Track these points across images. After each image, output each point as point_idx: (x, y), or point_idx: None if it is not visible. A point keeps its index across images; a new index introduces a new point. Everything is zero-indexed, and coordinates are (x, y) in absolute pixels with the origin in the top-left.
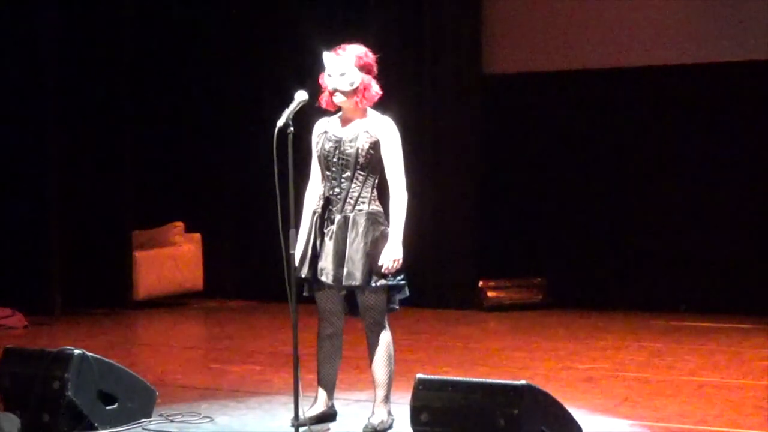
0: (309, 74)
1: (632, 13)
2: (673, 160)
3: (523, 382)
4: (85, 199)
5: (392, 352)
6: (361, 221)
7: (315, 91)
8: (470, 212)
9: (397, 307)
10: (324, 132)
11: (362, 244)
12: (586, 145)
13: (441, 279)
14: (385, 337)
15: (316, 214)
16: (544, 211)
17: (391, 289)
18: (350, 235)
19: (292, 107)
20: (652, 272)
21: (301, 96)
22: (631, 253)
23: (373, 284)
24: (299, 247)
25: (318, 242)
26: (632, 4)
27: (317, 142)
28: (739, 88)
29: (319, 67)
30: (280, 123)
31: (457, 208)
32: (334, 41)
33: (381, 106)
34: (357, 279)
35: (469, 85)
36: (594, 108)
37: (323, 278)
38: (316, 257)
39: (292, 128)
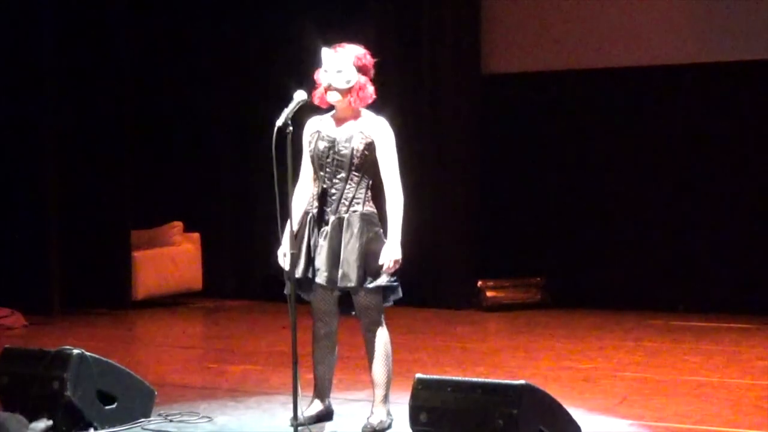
0: (307, 74)
1: (632, 13)
2: (673, 159)
3: (521, 381)
4: (84, 199)
5: (390, 352)
6: (356, 222)
7: (311, 88)
8: (469, 212)
9: (390, 303)
10: (317, 131)
11: (357, 245)
12: (585, 145)
13: (440, 279)
14: (383, 336)
15: (309, 214)
16: (543, 211)
17: (384, 290)
18: (345, 237)
19: (291, 107)
20: (652, 272)
21: (300, 96)
22: (630, 253)
23: (368, 285)
24: (289, 247)
25: (312, 243)
26: (632, 4)
27: (310, 142)
28: (740, 88)
29: (317, 66)
30: (279, 123)
31: (456, 207)
32: (332, 41)
33: (380, 106)
34: (352, 280)
35: (469, 85)
36: (594, 108)
37: (318, 279)
38: (310, 258)
39: (291, 128)
